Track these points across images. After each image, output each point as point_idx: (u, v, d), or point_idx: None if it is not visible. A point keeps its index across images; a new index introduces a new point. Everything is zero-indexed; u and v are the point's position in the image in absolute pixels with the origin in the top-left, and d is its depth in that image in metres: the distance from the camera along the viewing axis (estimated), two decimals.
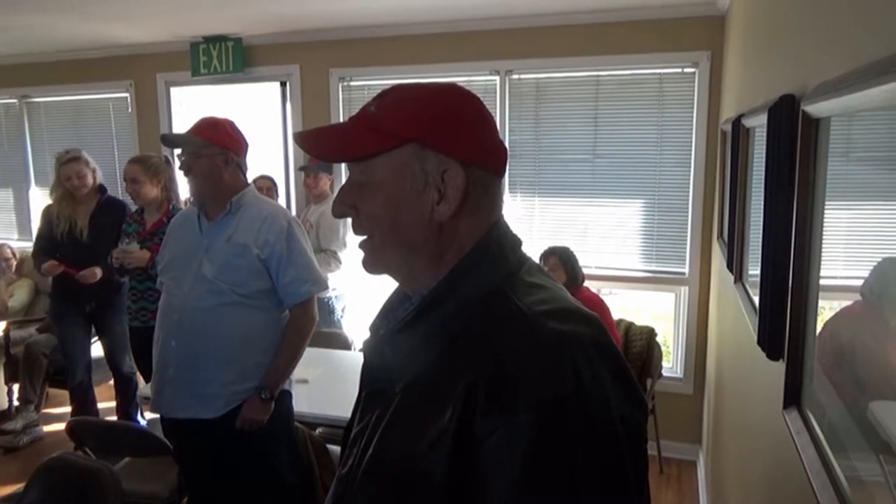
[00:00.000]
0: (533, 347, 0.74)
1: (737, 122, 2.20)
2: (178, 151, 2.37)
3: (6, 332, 4.30)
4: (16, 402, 4.21)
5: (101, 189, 3.72)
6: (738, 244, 2.16)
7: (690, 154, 3.67)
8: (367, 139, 0.82)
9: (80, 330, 3.79)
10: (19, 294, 4.73)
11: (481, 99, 0.88)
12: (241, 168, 2.29)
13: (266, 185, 4.11)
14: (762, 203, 1.46)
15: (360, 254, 0.88)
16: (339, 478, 0.89)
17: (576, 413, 0.70)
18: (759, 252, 1.46)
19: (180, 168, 2.25)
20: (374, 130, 0.81)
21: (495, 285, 0.81)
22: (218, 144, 2.20)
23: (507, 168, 0.91)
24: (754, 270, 1.91)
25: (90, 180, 3.63)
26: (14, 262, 4.85)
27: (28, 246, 5.25)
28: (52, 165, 5.20)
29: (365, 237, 0.87)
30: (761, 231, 1.43)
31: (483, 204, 0.84)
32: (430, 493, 0.73)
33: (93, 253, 3.54)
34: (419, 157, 0.80)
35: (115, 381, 3.90)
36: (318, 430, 2.75)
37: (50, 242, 3.64)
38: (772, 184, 1.34)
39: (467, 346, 0.77)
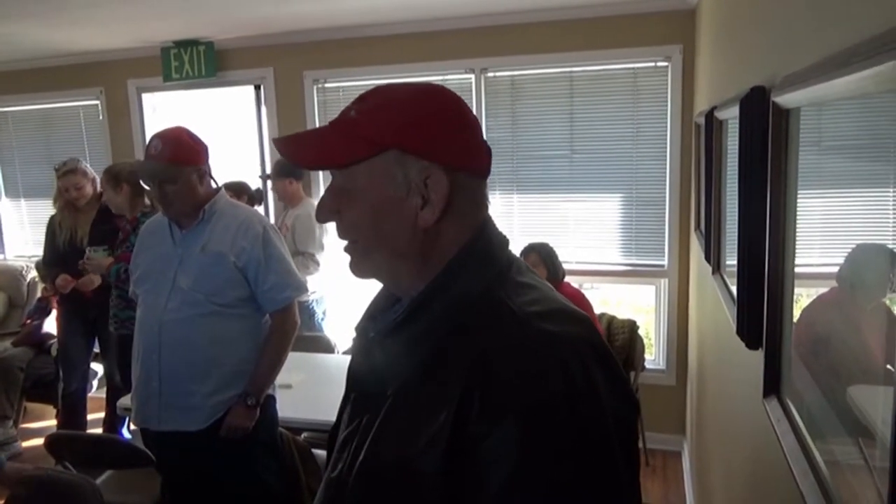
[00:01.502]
0: (524, 350, 0.74)
1: (710, 115, 2.22)
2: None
3: None
4: None
5: (101, 196, 3.70)
6: (715, 235, 2.18)
7: (666, 147, 3.70)
8: (347, 147, 0.80)
9: (82, 338, 3.79)
10: None
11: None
12: (211, 175, 2.25)
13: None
14: (737, 194, 1.47)
15: (343, 257, 0.88)
16: (327, 482, 0.88)
17: (566, 415, 0.70)
18: (736, 243, 1.47)
19: (154, 193, 2.20)
20: (354, 137, 0.80)
21: (485, 286, 0.81)
22: (189, 163, 2.14)
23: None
24: (732, 261, 1.93)
25: (88, 190, 3.64)
26: None
27: (0, 258, 5.17)
28: (22, 176, 5.16)
29: (350, 242, 0.86)
30: (737, 222, 1.45)
31: (467, 207, 0.83)
32: (426, 495, 0.73)
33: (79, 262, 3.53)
34: (401, 163, 0.79)
35: (107, 391, 3.87)
36: (303, 435, 2.73)
37: (54, 252, 3.66)
38: (745, 174, 1.35)
39: (459, 348, 0.77)
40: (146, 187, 3.43)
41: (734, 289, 1.59)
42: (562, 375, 0.71)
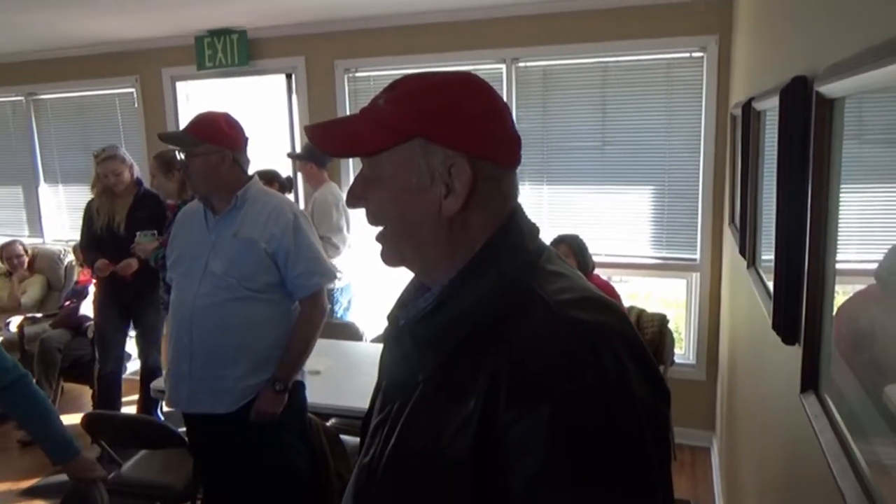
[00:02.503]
0: (555, 337, 0.73)
1: (747, 106, 2.18)
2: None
3: (20, 328, 4.34)
4: None
5: (138, 183, 3.82)
6: (750, 229, 2.14)
7: (700, 140, 3.64)
8: (373, 135, 0.81)
9: (116, 321, 3.89)
10: (32, 290, 4.77)
11: None
12: (241, 163, 2.26)
13: None
14: (774, 187, 1.44)
15: (371, 245, 0.89)
16: (360, 466, 0.89)
17: (597, 405, 0.70)
18: (773, 237, 1.45)
19: (181, 165, 2.25)
20: (380, 126, 0.81)
21: (516, 275, 0.80)
22: (212, 143, 2.16)
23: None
24: (767, 255, 1.90)
25: (127, 176, 3.73)
26: (26, 259, 4.88)
27: (38, 242, 5.31)
28: (59, 162, 5.28)
29: (379, 228, 0.86)
30: (775, 215, 1.42)
31: (494, 197, 0.83)
32: (455, 481, 0.74)
33: (130, 246, 3.63)
34: (425, 152, 0.79)
35: (141, 373, 3.97)
36: (331, 421, 2.76)
37: (91, 237, 3.76)
38: (785, 167, 1.32)
39: (490, 336, 0.76)
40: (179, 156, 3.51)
41: (770, 283, 1.56)
42: (593, 365, 0.71)
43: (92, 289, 4.24)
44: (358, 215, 3.53)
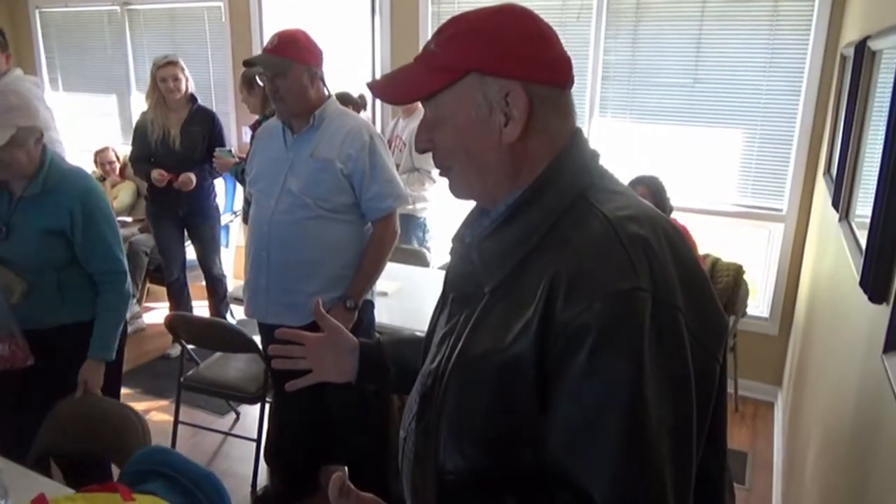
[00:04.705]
0: (612, 246, 0.76)
1: (861, 45, 2.00)
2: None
3: None
4: None
5: (192, 98, 3.86)
6: (847, 180, 2.01)
7: (802, 82, 3.39)
8: (430, 78, 0.86)
9: (174, 232, 4.03)
10: (122, 196, 5.03)
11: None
12: (323, 80, 2.28)
13: None
14: (882, 135, 1.34)
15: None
16: (426, 372, 0.94)
17: (647, 308, 0.72)
18: (873, 189, 1.35)
19: (267, 89, 2.25)
20: (434, 69, 0.86)
21: (577, 193, 0.84)
22: (301, 62, 2.17)
23: (573, 79, 0.89)
24: (862, 210, 1.79)
25: (184, 86, 3.77)
26: (118, 165, 5.13)
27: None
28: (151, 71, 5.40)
29: (444, 169, 0.91)
30: (879, 166, 1.32)
31: (551, 118, 0.86)
32: (516, 376, 0.78)
33: (185, 160, 3.73)
34: (480, 85, 0.84)
35: (207, 282, 4.15)
36: None
37: (145, 149, 3.82)
38: None
39: (551, 248, 0.81)
40: (260, 83, 3.57)
41: (863, 239, 1.48)
42: (646, 271, 0.74)
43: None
44: None
